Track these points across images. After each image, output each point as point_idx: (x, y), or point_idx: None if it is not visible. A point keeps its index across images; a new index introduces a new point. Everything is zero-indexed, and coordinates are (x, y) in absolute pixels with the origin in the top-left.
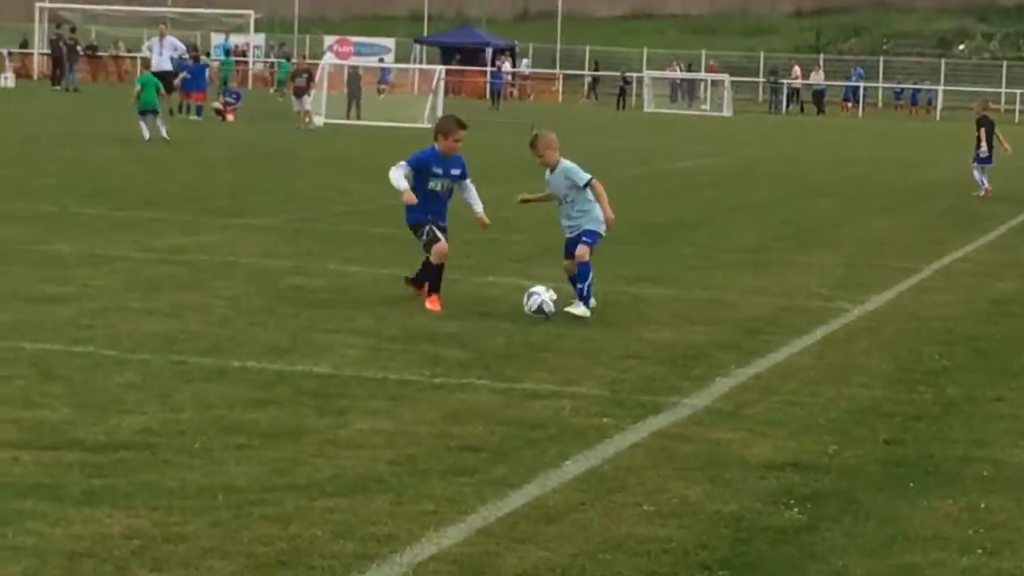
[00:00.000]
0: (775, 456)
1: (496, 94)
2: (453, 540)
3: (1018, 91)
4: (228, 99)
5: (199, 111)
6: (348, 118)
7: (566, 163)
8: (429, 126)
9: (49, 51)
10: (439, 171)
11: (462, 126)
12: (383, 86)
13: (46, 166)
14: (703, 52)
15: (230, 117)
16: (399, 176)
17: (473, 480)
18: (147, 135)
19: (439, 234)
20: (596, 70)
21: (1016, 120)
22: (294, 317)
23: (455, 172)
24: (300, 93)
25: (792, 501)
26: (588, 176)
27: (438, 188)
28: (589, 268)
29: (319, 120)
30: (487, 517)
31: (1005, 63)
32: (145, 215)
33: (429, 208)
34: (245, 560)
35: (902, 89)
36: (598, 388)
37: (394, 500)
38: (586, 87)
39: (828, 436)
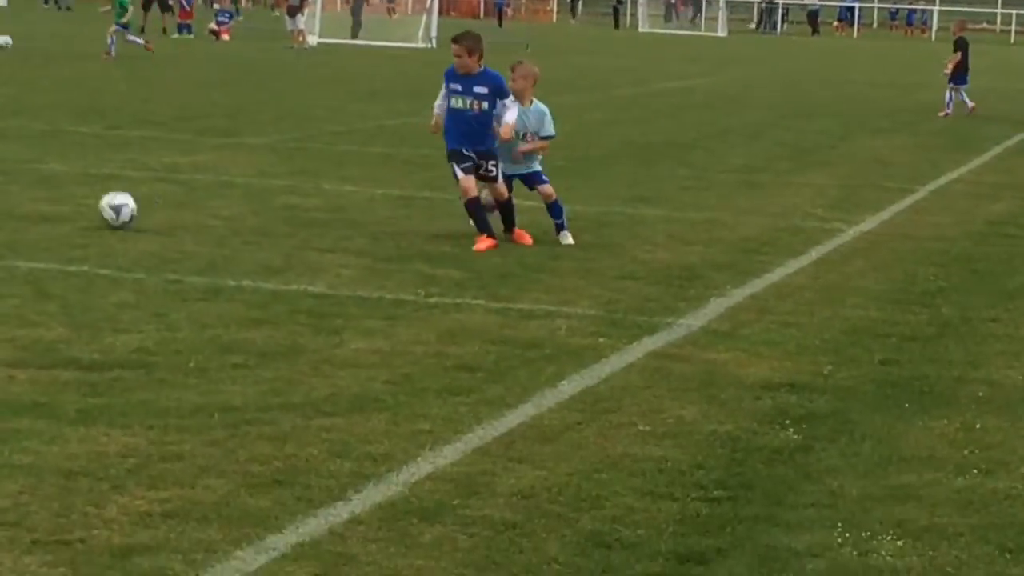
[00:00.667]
0: (771, 376)
1: (499, 12)
2: (449, 459)
3: (1014, 11)
4: (221, 19)
5: (189, 29)
6: (353, 38)
7: (543, 106)
8: (423, 45)
9: None
10: (457, 87)
11: (454, 40)
12: (392, 5)
13: (39, 84)
14: None
15: (225, 36)
16: (438, 101)
17: (469, 399)
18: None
19: (459, 172)
20: None
21: (1012, 40)
22: (289, 237)
23: (480, 90)
24: (293, 12)
25: (788, 421)
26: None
27: (460, 106)
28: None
29: (312, 39)
30: (483, 436)
31: None
32: (139, 134)
33: (459, 131)
34: (241, 479)
35: (897, 9)
36: (594, 308)
37: (390, 419)
38: (569, 5)
39: (823, 356)
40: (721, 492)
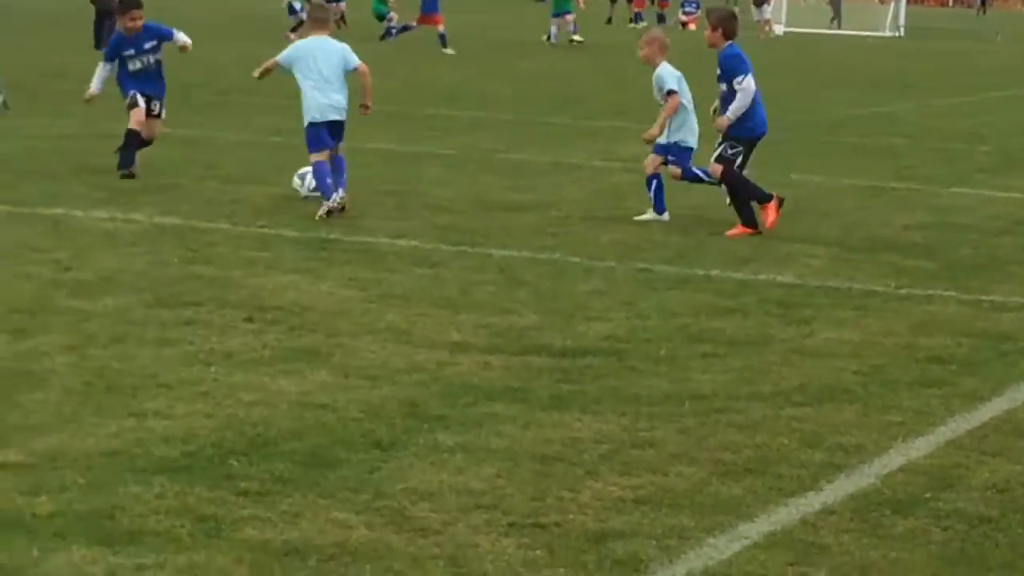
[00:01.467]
0: None
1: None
2: (922, 452)
3: None
4: (688, 8)
5: (640, 17)
6: (831, 28)
7: (663, 68)
8: (891, 34)
9: None
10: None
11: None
12: None
13: (506, 74)
14: None
15: (691, 27)
16: None
17: (941, 392)
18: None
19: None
20: None
21: None
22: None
23: (718, 70)
24: (759, 2)
25: None
26: (673, 86)
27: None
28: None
29: (779, 28)
30: (955, 429)
31: None
32: (607, 124)
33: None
34: (712, 467)
35: None
36: None
37: (861, 410)
38: None
39: None
40: None
